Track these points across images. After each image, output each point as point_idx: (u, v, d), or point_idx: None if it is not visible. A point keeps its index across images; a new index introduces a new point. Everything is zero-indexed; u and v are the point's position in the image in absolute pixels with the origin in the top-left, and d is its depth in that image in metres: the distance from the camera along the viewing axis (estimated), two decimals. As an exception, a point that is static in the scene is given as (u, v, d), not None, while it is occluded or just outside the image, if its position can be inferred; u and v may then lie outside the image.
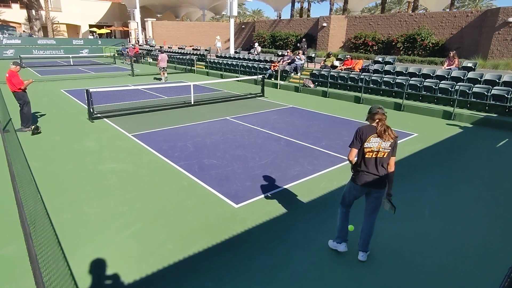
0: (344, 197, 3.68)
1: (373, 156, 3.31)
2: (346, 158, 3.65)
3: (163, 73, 17.56)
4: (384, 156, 3.32)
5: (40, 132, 8.18)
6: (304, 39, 26.51)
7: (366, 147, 3.29)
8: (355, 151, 3.39)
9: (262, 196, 5.11)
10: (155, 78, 18.69)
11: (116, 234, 4.08)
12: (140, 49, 30.80)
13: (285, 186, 5.45)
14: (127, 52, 26.78)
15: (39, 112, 10.17)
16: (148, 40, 37.48)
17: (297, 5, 51.55)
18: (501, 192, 5.45)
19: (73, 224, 4.30)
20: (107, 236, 4.04)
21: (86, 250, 3.78)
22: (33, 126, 8.15)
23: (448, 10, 30.01)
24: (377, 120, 3.27)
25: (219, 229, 4.24)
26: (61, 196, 5.02)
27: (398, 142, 3.58)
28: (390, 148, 3.30)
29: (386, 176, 3.40)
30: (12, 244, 3.85)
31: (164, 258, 3.67)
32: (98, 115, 9.80)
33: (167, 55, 18.84)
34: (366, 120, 3.42)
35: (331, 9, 35.35)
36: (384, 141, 3.26)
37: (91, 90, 9.38)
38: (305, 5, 58.12)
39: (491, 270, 3.56)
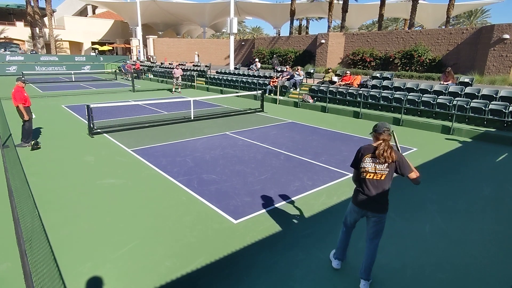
0: (346, 217, 3.61)
1: (369, 177, 3.20)
2: (345, 173, 3.66)
3: (178, 86, 19.60)
4: (382, 179, 3.17)
5: (39, 148, 8.19)
6: (275, 55, 27.88)
7: (362, 167, 3.23)
8: (355, 171, 3.33)
9: (262, 211, 5.07)
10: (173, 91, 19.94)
11: (114, 251, 4.03)
12: (141, 65, 31.23)
13: (284, 202, 5.41)
14: (127, 68, 27.13)
15: (40, 128, 10.21)
16: (149, 56, 38.03)
17: (296, 23, 52.66)
18: (503, 208, 5.41)
19: (70, 240, 4.24)
20: (104, 253, 3.98)
21: (82, 267, 3.72)
22: (33, 142, 8.16)
23: (443, 27, 30.62)
24: (381, 141, 3.16)
25: (217, 245, 4.18)
26: (59, 212, 4.98)
27: None
28: (387, 170, 3.15)
29: (384, 201, 3.25)
30: (7, 261, 3.79)
31: (162, 276, 3.60)
32: (98, 130, 9.83)
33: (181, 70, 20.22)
34: (370, 134, 3.34)
35: (329, 27, 36.01)
36: (379, 163, 3.14)
37: (91, 105, 9.45)
38: (304, 22, 59.51)
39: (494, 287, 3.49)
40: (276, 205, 5.27)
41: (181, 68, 20.81)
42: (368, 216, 3.34)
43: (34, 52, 39.82)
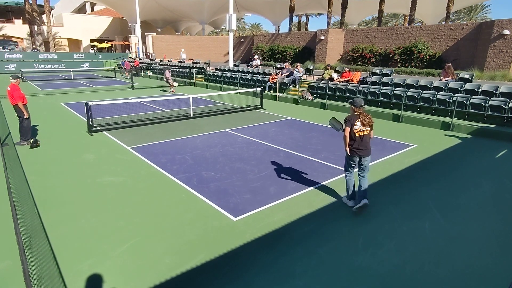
0: (348, 167, 5.10)
1: (360, 134, 4.75)
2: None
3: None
4: (366, 134, 4.80)
5: (39, 146, 8.17)
6: (253, 52, 28.03)
7: (355, 129, 4.71)
8: (348, 129, 4.76)
9: (261, 208, 5.07)
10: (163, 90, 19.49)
11: (113, 249, 4.03)
12: (140, 62, 31.13)
13: (284, 199, 5.41)
14: (124, 66, 26.99)
15: (38, 126, 10.19)
16: (148, 54, 37.92)
17: (295, 19, 52.44)
18: (502, 204, 5.41)
19: (70, 238, 4.24)
20: (103, 251, 3.99)
21: (82, 265, 3.72)
22: (32, 140, 8.14)
23: (443, 23, 30.50)
24: (360, 112, 4.74)
25: (217, 242, 4.19)
26: (58, 210, 4.97)
27: (397, 153, 6.36)
28: (368, 128, 4.80)
29: (369, 147, 4.89)
30: (8, 259, 3.79)
31: (161, 273, 3.61)
32: (98, 128, 9.81)
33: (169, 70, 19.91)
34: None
35: (328, 23, 35.87)
36: (363, 125, 4.73)
37: (90, 103, 9.43)
38: (303, 19, 59.28)
39: (494, 285, 3.50)
40: (275, 202, 5.27)
41: (167, 70, 20.28)
42: (361, 160, 4.89)
43: (35, 49, 39.67)
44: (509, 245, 4.22)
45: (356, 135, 4.72)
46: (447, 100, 11.01)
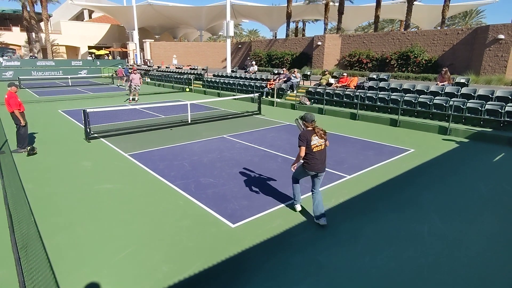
0: (297, 178, 5.04)
1: (317, 149, 4.61)
2: (343, 175, 3.78)
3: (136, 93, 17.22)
4: (323, 148, 4.70)
5: (36, 153, 8.14)
6: (249, 58, 29.10)
7: (312, 144, 4.56)
8: (304, 148, 4.58)
9: (259, 215, 5.05)
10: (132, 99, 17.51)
11: (110, 257, 3.99)
12: (138, 69, 31.19)
13: (282, 205, 5.39)
14: (117, 73, 26.90)
15: (36, 133, 10.16)
16: (146, 60, 38.03)
17: (292, 25, 52.88)
18: (500, 207, 5.41)
19: (66, 247, 4.20)
20: (100, 259, 3.95)
21: (78, 274, 3.68)
22: (29, 147, 8.11)
23: (439, 28, 30.80)
24: (313, 127, 4.61)
25: (215, 250, 4.16)
26: (55, 218, 4.93)
27: (395, 158, 6.29)
28: (323, 142, 4.68)
29: (325, 162, 4.79)
30: (3, 268, 3.74)
31: (159, 282, 3.57)
32: (95, 135, 9.79)
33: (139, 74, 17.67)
34: (301, 120, 4.75)
35: (325, 29, 36.17)
36: (320, 139, 4.61)
37: (88, 110, 9.42)
38: (300, 24, 59.74)
39: (494, 289, 3.48)
40: (274, 208, 5.25)
41: (139, 73, 17.55)
42: (317, 175, 4.73)
43: (33, 57, 39.73)
44: (508, 249, 4.21)
45: (315, 150, 4.56)
46: (444, 104, 11.07)
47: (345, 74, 15.83)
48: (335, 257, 4.02)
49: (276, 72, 20.56)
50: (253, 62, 26.37)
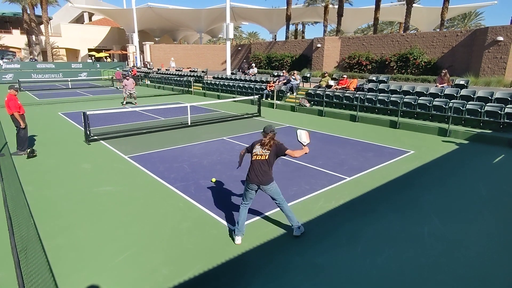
0: (243, 195, 4.47)
1: (255, 158, 4.27)
2: (343, 176, 3.80)
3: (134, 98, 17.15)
4: (262, 159, 4.27)
5: (35, 156, 8.13)
6: (244, 60, 29.76)
7: (253, 152, 4.31)
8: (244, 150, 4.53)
9: (259, 217, 5.04)
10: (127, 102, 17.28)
11: (110, 260, 3.98)
12: (138, 71, 31.24)
13: (282, 207, 5.38)
14: (115, 76, 26.93)
15: (36, 135, 10.16)
16: (146, 63, 38.11)
17: (292, 27, 53.03)
18: (500, 209, 5.41)
19: (66, 249, 4.19)
20: (100, 262, 3.94)
21: (78, 276, 3.67)
22: (28, 150, 8.11)
23: (438, 30, 30.88)
24: (268, 137, 4.29)
25: (215, 252, 4.15)
26: (55, 221, 4.93)
27: (395, 159, 6.40)
28: (268, 152, 4.28)
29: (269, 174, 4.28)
30: (2, 271, 3.73)
31: (159, 284, 3.56)
32: (95, 137, 9.79)
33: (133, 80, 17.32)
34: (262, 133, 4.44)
35: (325, 31, 36.28)
36: (264, 149, 4.27)
37: (88, 112, 9.43)
38: (300, 27, 59.90)
39: (494, 290, 3.48)
40: (274, 211, 5.25)
41: (131, 78, 17.18)
42: (260, 188, 4.27)
43: (33, 59, 39.79)
44: (508, 250, 4.20)
45: (252, 159, 4.28)
46: (444, 106, 11.08)
47: (344, 76, 15.85)
48: (335, 259, 4.01)
49: (276, 74, 20.59)
50: (253, 65, 26.41)
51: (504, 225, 4.88)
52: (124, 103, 16.98)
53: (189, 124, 11.82)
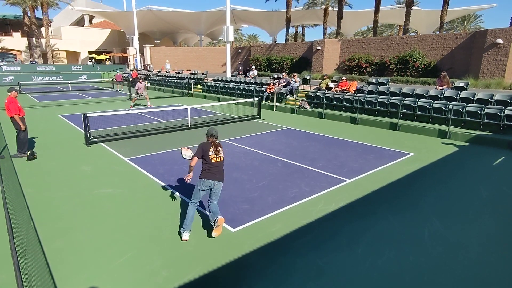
0: (195, 193, 4.70)
1: (215, 160, 4.68)
2: (343, 179, 3.73)
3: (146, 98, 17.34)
4: (222, 160, 4.77)
5: (35, 158, 8.13)
6: (240, 62, 30.57)
7: (210, 155, 4.67)
8: (196, 159, 4.80)
9: (259, 219, 5.03)
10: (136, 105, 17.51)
11: (110, 262, 3.97)
12: (138, 74, 31.29)
13: (282, 209, 5.38)
14: (115, 78, 26.96)
15: (36, 138, 10.16)
16: (146, 65, 38.19)
17: (292, 30, 53.18)
18: (500, 211, 5.40)
19: (66, 252, 4.18)
20: (100, 264, 3.93)
21: (78, 279, 3.66)
22: (28, 152, 8.10)
23: (437, 32, 30.97)
24: (212, 140, 4.78)
25: (215, 254, 4.14)
26: (54, 223, 4.92)
27: (395, 162, 6.97)
28: (222, 154, 4.79)
29: (223, 172, 4.80)
30: (1, 273, 3.72)
31: (159, 287, 3.55)
32: (95, 139, 9.79)
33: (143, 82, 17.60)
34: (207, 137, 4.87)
35: (324, 33, 36.38)
36: (218, 151, 4.73)
37: (88, 115, 9.43)
38: (300, 29, 60.07)
39: (495, 293, 3.47)
40: (274, 213, 5.24)
41: (143, 81, 17.58)
42: (215, 185, 4.64)
43: (33, 62, 39.86)
44: (508, 251, 4.19)
45: (212, 161, 4.69)
46: (443, 108, 11.10)
47: (343, 78, 15.88)
48: (336, 261, 4.00)
49: (275, 76, 20.63)
50: (253, 67, 26.46)
51: (504, 227, 4.88)
52: (132, 105, 17.12)
53: (189, 126, 11.83)
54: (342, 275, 3.74)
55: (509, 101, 10.60)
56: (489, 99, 10.98)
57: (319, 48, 27.37)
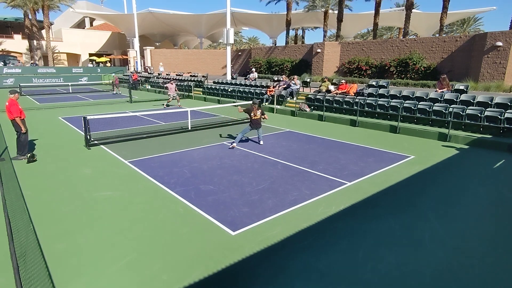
0: (246, 132, 9.56)
1: (255, 118, 9.50)
2: (344, 182, 3.78)
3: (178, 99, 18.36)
4: (258, 117, 9.58)
5: (35, 160, 8.13)
6: (250, 66, 32.18)
7: (253, 114, 9.48)
8: (241, 110, 9.72)
9: (260, 222, 5.02)
10: (167, 105, 18.09)
11: (110, 266, 3.96)
12: (138, 76, 31.34)
13: (283, 212, 5.37)
14: (113, 81, 26.99)
15: (36, 140, 10.16)
16: (147, 67, 38.25)
17: (292, 33, 53.27)
18: (501, 214, 5.40)
19: (65, 255, 4.17)
20: (100, 268, 3.92)
21: (77, 282, 3.65)
22: (28, 154, 8.10)
23: (437, 35, 31.03)
24: (255, 106, 9.51)
25: (215, 258, 4.13)
26: (54, 226, 4.91)
27: (395, 164, 7.68)
28: (259, 113, 9.58)
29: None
30: (1, 277, 3.71)
31: (158, 290, 3.54)
32: (95, 142, 9.79)
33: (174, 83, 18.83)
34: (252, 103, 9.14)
35: (324, 36, 36.46)
36: (257, 111, 9.53)
37: (88, 117, 9.43)
38: (300, 32, 60.18)
39: (496, 297, 3.45)
40: (274, 216, 5.23)
41: (174, 83, 19.12)
42: (257, 129, 9.70)
43: (34, 64, 39.92)
44: (509, 254, 4.18)
45: (253, 118, 9.47)
46: (443, 111, 11.10)
47: (343, 81, 15.89)
48: (336, 264, 3.99)
49: (276, 79, 20.65)
50: (253, 69, 26.50)
51: (505, 229, 4.87)
52: (165, 105, 18.02)
53: (189, 128, 11.84)
54: (343, 278, 3.73)
55: (509, 104, 10.61)
56: (489, 102, 10.99)
57: (319, 50, 27.42)
